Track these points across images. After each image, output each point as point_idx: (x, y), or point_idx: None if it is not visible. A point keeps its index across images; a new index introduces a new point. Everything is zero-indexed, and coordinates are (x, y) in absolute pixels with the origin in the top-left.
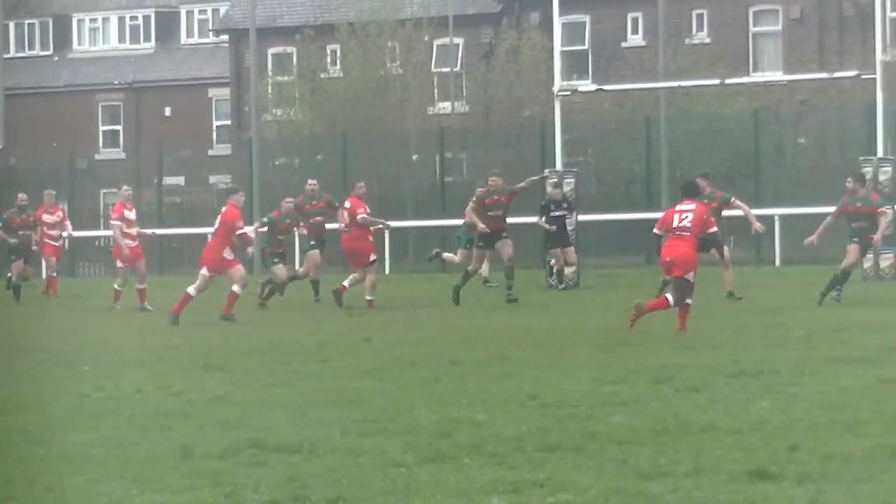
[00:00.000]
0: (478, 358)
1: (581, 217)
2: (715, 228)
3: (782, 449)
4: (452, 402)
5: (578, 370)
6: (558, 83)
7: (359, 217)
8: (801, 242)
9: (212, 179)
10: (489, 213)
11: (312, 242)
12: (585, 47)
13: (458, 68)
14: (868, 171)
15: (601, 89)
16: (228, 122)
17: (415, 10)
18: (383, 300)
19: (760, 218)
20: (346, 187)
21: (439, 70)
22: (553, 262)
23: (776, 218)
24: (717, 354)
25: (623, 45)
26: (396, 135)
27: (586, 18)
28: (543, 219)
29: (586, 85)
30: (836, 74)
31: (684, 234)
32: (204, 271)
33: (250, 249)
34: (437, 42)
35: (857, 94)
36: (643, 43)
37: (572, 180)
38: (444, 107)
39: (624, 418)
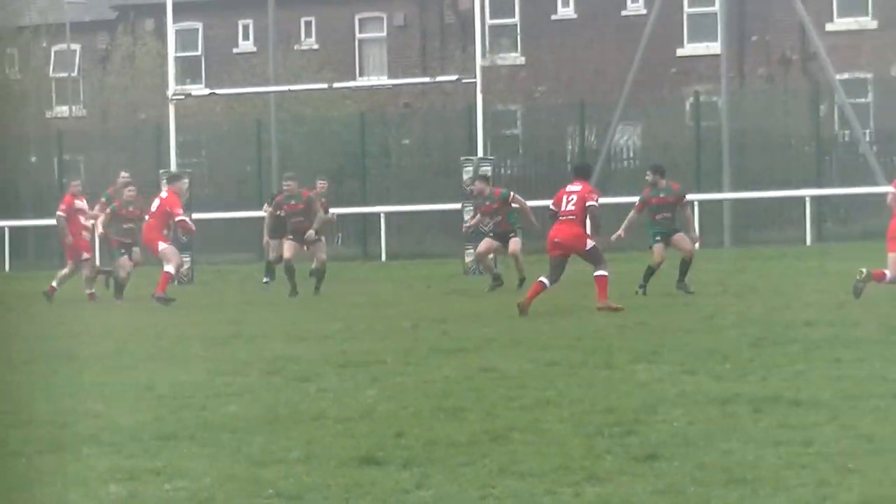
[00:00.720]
0: (96, 352)
1: (195, 216)
2: (594, 202)
3: (389, 435)
4: (71, 394)
5: (193, 362)
6: (173, 87)
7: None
8: (406, 238)
9: None
10: (292, 220)
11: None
12: (199, 53)
13: (75, 73)
14: (470, 170)
15: (214, 93)
16: None
17: (33, 17)
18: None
19: (368, 216)
20: None
21: (57, 75)
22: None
23: (381, 216)
24: (326, 345)
25: (235, 50)
26: (15, 138)
27: (199, 25)
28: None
29: (199, 89)
30: (439, 78)
31: (572, 217)
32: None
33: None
34: (55, 48)
35: (459, 97)
36: (254, 49)
37: (187, 181)
38: (62, 111)
39: (237, 408)
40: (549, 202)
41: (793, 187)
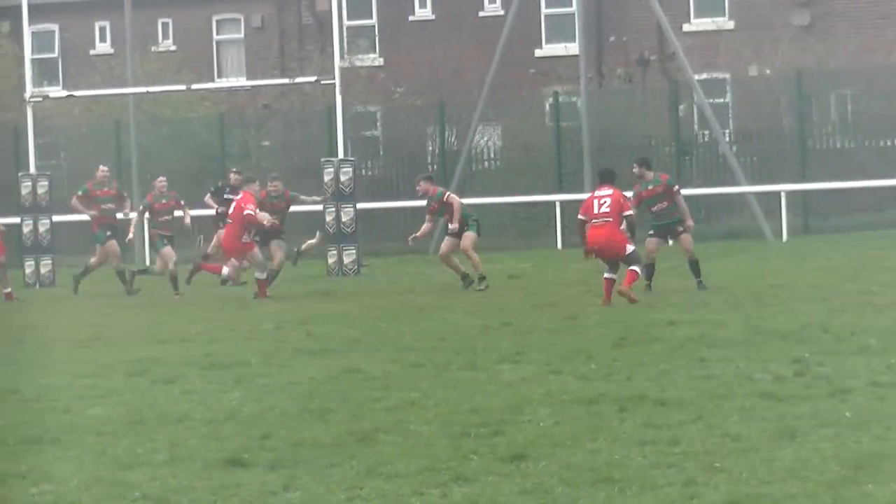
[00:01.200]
0: None
1: (55, 218)
2: (630, 212)
3: (255, 437)
4: None
5: (56, 365)
6: (30, 89)
7: None
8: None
9: None
10: (273, 215)
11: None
12: (56, 55)
13: None
14: (330, 171)
15: (71, 95)
16: None
17: None
18: None
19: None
20: None
21: None
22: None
23: None
24: (189, 348)
25: (92, 52)
26: None
27: (55, 27)
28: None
29: (57, 91)
30: (297, 80)
31: (607, 219)
32: (233, 261)
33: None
34: None
35: (318, 99)
36: (111, 50)
37: (46, 183)
38: None
39: (101, 410)
40: (412, 203)
41: None
